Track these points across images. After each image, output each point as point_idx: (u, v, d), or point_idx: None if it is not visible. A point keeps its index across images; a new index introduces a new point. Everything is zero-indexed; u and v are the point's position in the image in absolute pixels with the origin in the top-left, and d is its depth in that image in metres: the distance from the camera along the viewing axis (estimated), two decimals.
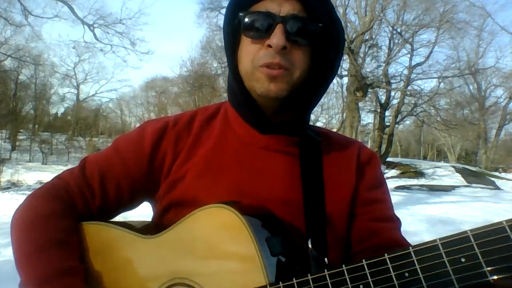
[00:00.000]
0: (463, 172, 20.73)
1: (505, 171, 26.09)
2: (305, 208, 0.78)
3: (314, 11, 0.76)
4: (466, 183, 17.61)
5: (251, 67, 0.77)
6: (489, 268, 0.47)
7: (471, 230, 0.49)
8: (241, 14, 0.77)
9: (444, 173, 20.27)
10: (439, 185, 16.68)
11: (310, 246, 0.75)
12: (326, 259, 0.75)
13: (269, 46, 0.74)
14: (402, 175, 19.70)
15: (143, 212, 0.90)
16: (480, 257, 0.48)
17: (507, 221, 0.47)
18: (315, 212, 0.78)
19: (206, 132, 0.86)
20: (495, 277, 0.47)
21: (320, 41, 0.78)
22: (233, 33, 0.81)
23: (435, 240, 0.51)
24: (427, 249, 0.51)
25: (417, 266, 0.51)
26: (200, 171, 0.81)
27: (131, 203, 0.87)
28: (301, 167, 0.81)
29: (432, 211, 8.53)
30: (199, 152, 0.83)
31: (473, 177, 19.43)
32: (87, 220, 0.82)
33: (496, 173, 23.01)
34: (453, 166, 23.44)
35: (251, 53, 0.77)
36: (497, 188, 16.90)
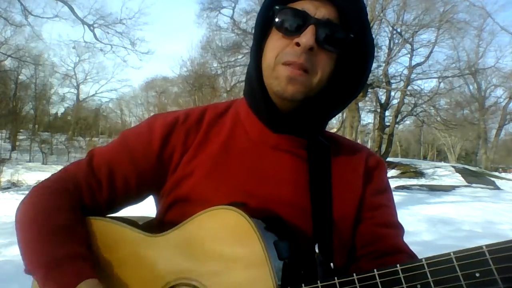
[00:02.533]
0: (463, 172, 20.75)
1: (505, 171, 26.13)
2: (312, 212, 0.77)
3: (349, 20, 0.76)
4: (466, 183, 17.63)
5: (273, 63, 0.76)
6: (505, 286, 0.46)
7: (486, 246, 0.48)
8: (276, 7, 0.77)
9: (444, 173, 20.29)
10: (439, 185, 16.69)
11: (317, 251, 0.75)
12: (332, 264, 0.75)
13: (297, 44, 0.73)
14: (402, 175, 19.72)
15: (144, 212, 0.90)
16: (495, 273, 0.46)
17: None
18: (322, 217, 0.77)
19: (215, 129, 0.85)
20: None
21: (348, 51, 0.78)
22: (264, 25, 0.80)
23: (449, 253, 0.50)
24: (441, 262, 0.50)
25: (430, 279, 0.50)
26: (208, 169, 0.80)
27: (138, 196, 0.87)
28: (310, 171, 0.81)
29: (432, 211, 8.54)
30: (207, 149, 0.83)
31: (473, 177, 19.45)
32: (94, 212, 0.82)
33: (496, 173, 23.04)
34: (453, 166, 23.47)
35: (278, 48, 0.76)
36: (497, 188, 16.92)
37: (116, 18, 17.30)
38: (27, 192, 0.84)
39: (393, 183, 15.15)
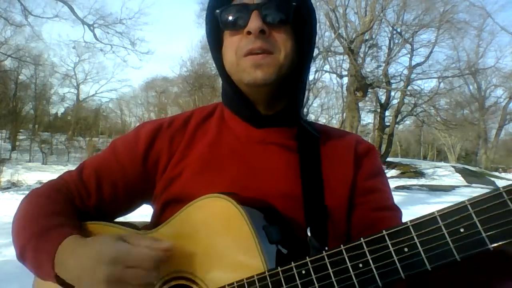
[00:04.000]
0: (463, 172, 20.75)
1: (505, 171, 26.14)
2: (304, 202, 0.77)
3: None
4: (466, 183, 17.63)
5: (235, 59, 0.78)
6: (488, 234, 0.47)
7: (468, 200, 0.49)
8: (217, 11, 0.80)
9: (444, 173, 20.29)
10: (439, 185, 16.69)
11: (309, 234, 0.74)
12: (326, 248, 0.74)
13: (248, 33, 0.75)
14: (402, 175, 19.71)
15: (143, 212, 0.90)
16: (479, 225, 0.47)
17: (504, 187, 0.47)
18: (314, 206, 0.77)
19: (201, 130, 0.87)
20: (495, 244, 0.46)
21: (297, 23, 0.80)
22: (214, 33, 0.83)
23: (433, 213, 0.51)
24: (426, 222, 0.51)
25: (416, 240, 0.50)
26: (197, 167, 0.81)
27: (128, 205, 0.88)
28: (300, 161, 0.81)
29: (432, 211, 8.52)
30: (194, 150, 0.84)
31: (473, 177, 19.45)
32: (85, 219, 0.82)
33: (496, 173, 23.06)
34: (453, 166, 23.48)
35: (233, 45, 0.78)
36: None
37: (116, 18, 17.40)
38: (27, 192, 0.87)
39: (393, 183, 15.14)
